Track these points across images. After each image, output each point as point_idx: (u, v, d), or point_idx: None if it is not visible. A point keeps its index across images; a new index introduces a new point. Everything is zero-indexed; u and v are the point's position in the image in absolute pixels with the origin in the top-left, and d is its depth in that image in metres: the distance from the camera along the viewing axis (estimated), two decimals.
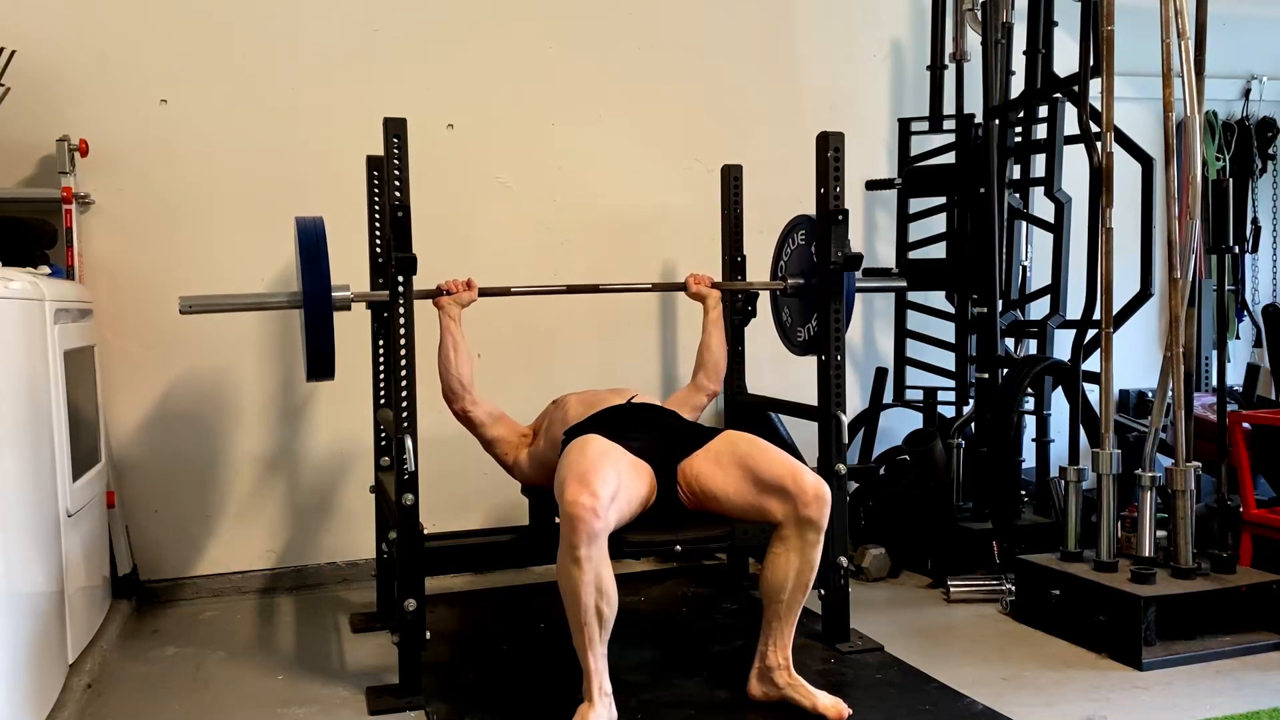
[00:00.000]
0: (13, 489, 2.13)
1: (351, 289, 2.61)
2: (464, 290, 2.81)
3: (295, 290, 2.61)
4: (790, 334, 3.19)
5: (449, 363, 2.74)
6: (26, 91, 3.10)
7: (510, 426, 2.90)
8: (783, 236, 3.21)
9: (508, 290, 2.99)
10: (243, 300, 2.68)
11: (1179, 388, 2.90)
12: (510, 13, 3.68)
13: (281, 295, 2.68)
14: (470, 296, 2.82)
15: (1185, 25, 2.83)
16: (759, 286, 3.27)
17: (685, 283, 3.16)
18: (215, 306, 2.64)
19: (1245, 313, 4.68)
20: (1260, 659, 2.68)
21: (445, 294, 2.78)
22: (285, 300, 2.65)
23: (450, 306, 2.77)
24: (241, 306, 2.69)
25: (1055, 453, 3.58)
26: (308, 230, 2.54)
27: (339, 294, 2.55)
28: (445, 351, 2.74)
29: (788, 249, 3.17)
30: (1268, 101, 4.75)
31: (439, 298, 2.78)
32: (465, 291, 2.81)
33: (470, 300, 2.82)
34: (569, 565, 2.16)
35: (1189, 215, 2.90)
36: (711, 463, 2.45)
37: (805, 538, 2.33)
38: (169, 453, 3.39)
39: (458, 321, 2.77)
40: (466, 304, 2.81)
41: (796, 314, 3.12)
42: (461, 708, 2.45)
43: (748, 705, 2.40)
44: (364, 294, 2.70)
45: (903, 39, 4.17)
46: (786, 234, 3.19)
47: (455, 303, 2.78)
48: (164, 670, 2.79)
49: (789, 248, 3.16)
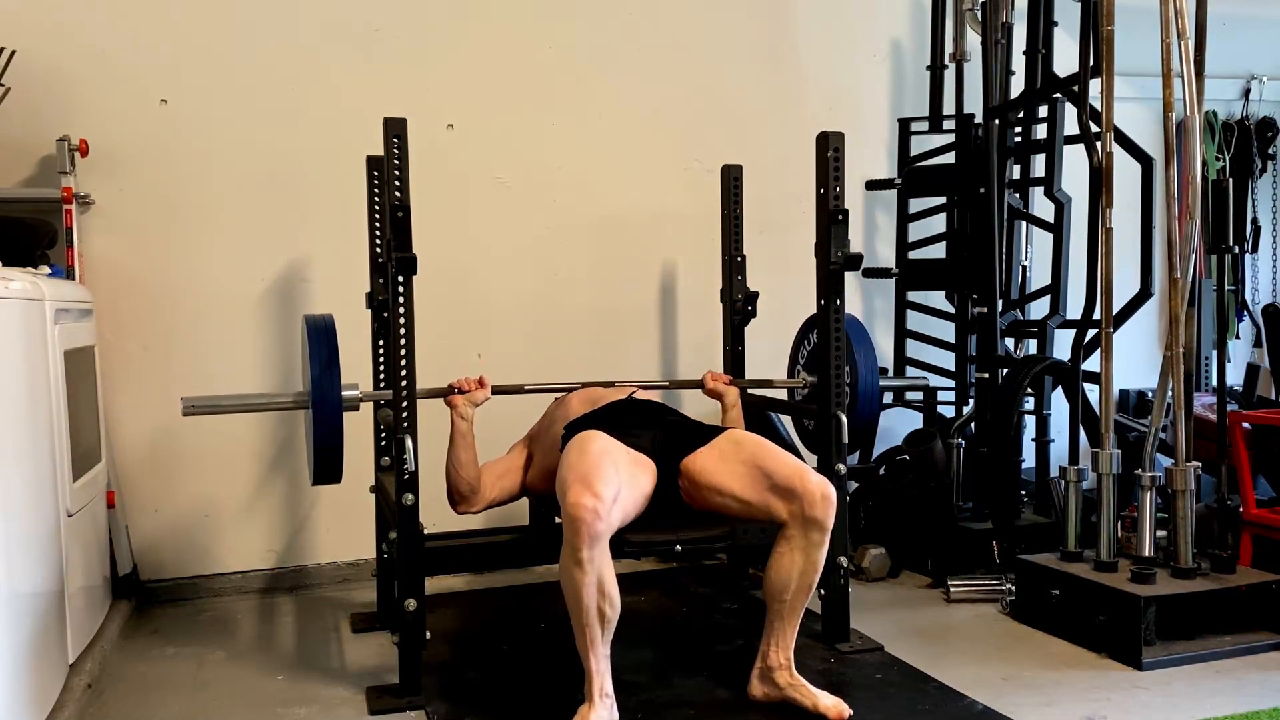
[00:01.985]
0: (13, 489, 2.13)
1: (360, 388, 2.55)
2: (477, 389, 2.69)
3: (301, 390, 2.56)
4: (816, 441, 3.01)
5: (459, 465, 2.64)
6: (27, 91, 3.10)
7: (512, 473, 2.81)
8: (799, 336, 3.17)
9: (520, 388, 2.87)
10: (248, 402, 2.64)
11: (1179, 388, 2.90)
12: (510, 13, 3.68)
13: (287, 397, 2.63)
14: (483, 395, 2.70)
15: (1185, 25, 2.83)
16: (778, 384, 3.17)
17: (702, 380, 3.06)
18: (219, 408, 2.60)
19: (1245, 313, 4.68)
20: (1260, 659, 2.68)
21: (458, 392, 2.68)
22: (291, 402, 2.60)
23: (463, 407, 2.66)
24: (246, 408, 2.65)
25: (1055, 453, 3.58)
26: (318, 331, 2.49)
27: (349, 394, 2.50)
28: (455, 454, 2.63)
29: (804, 349, 3.13)
30: (1268, 101, 4.75)
31: (451, 397, 2.68)
32: (478, 390, 2.69)
33: (484, 399, 2.70)
34: (571, 567, 2.16)
35: (1189, 215, 2.90)
36: (717, 459, 2.45)
37: (810, 538, 2.33)
38: (169, 453, 3.39)
39: (470, 423, 2.65)
40: (480, 403, 2.70)
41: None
42: (462, 708, 2.45)
43: (748, 705, 2.40)
44: (372, 394, 2.61)
45: (903, 39, 4.17)
46: (803, 334, 3.14)
47: (468, 402, 2.67)
48: (164, 670, 2.79)
49: (805, 348, 3.13)
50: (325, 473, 2.53)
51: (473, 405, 2.68)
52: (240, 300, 3.42)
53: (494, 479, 2.76)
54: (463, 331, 3.59)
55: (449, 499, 2.71)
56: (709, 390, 3.05)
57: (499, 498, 2.78)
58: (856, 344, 2.93)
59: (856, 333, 2.97)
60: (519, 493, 2.83)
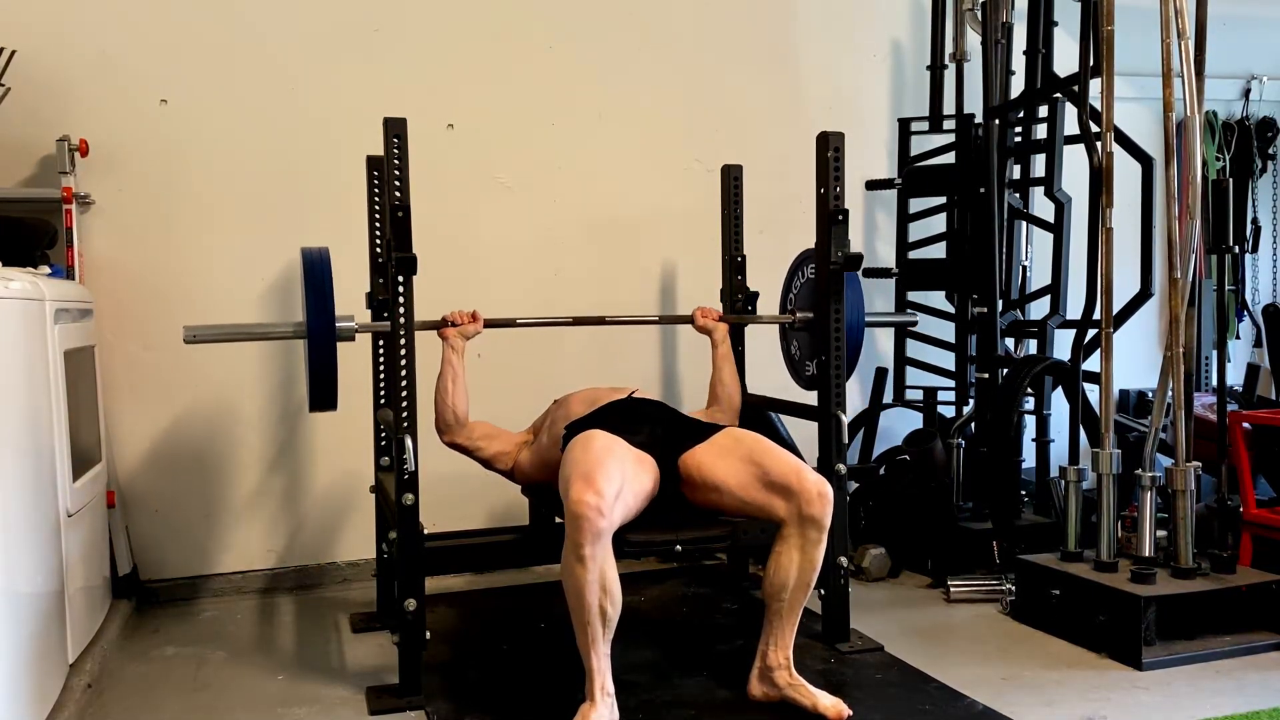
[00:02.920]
0: (13, 489, 2.13)
1: (356, 319, 2.59)
2: (469, 322, 2.78)
3: (300, 321, 2.59)
4: (799, 368, 3.15)
5: (446, 394, 2.74)
6: (26, 91, 3.10)
7: (506, 438, 2.89)
8: (792, 269, 3.18)
9: (513, 322, 2.94)
10: (247, 330, 2.69)
11: (1179, 388, 2.90)
12: (510, 13, 3.68)
13: (286, 326, 2.67)
14: (475, 328, 2.79)
15: (1185, 25, 2.83)
16: (767, 320, 3.21)
17: (692, 316, 3.11)
18: (219, 336, 2.63)
19: (1245, 313, 4.68)
20: (1260, 659, 2.68)
21: (450, 325, 2.76)
22: (290, 331, 2.64)
23: (455, 338, 2.75)
24: (246, 336, 2.72)
25: (1055, 453, 3.59)
26: (313, 262, 2.52)
27: (343, 324, 2.53)
28: (444, 383, 2.73)
29: (797, 281, 3.14)
30: (1268, 101, 4.75)
31: (443, 329, 2.76)
32: (470, 323, 2.78)
33: (475, 332, 2.79)
34: (574, 564, 2.16)
35: (1189, 215, 2.90)
36: (715, 456, 2.45)
37: (808, 536, 2.33)
38: (169, 452, 3.39)
39: (460, 354, 2.75)
40: (471, 336, 2.79)
41: (805, 348, 3.07)
42: (461, 708, 2.45)
43: (748, 705, 2.40)
44: (368, 325, 2.67)
45: (903, 39, 4.17)
46: (796, 267, 3.15)
47: (460, 335, 2.76)
48: (164, 670, 2.79)
49: (799, 280, 3.13)
50: (321, 398, 2.55)
51: (464, 338, 2.77)
52: (240, 300, 3.42)
53: (484, 432, 2.85)
54: None
55: (435, 426, 2.78)
56: (699, 326, 3.09)
57: (484, 450, 2.84)
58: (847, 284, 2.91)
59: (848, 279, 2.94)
60: (506, 466, 2.87)
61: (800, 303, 3.10)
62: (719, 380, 3.04)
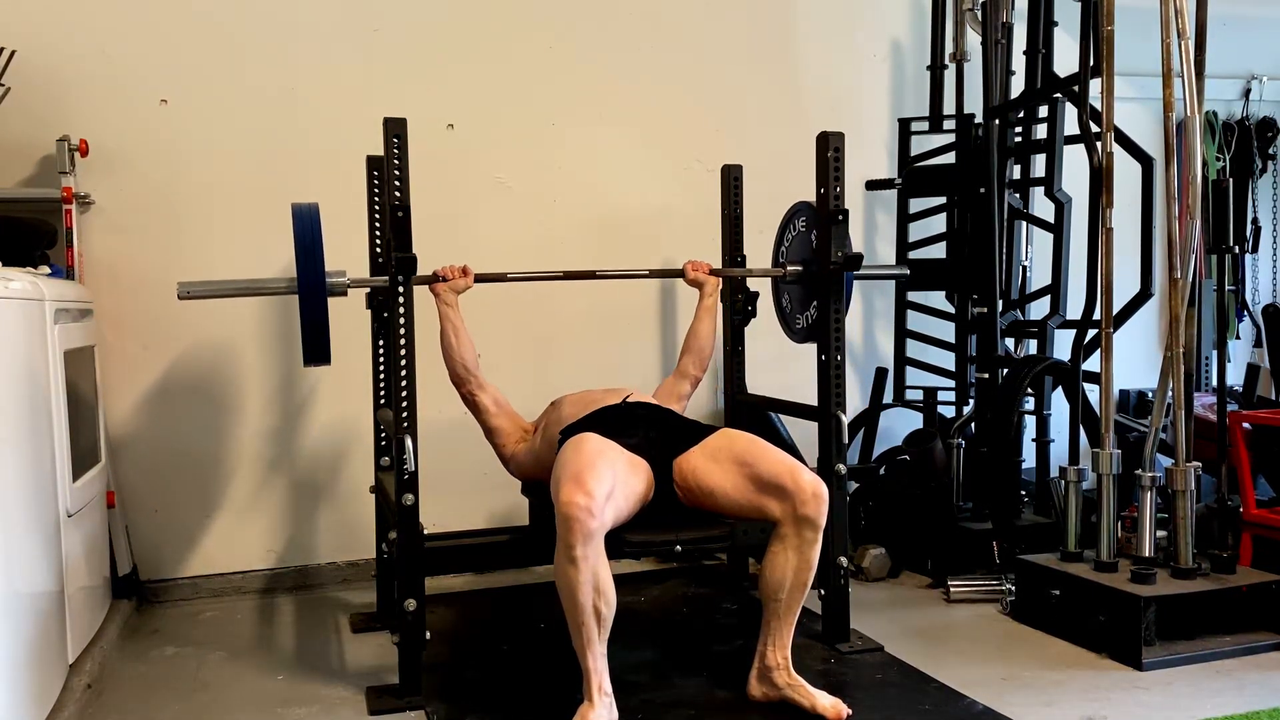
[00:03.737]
0: (13, 489, 2.13)
1: (349, 275, 2.61)
2: (460, 276, 2.80)
3: (293, 276, 2.61)
4: (790, 320, 3.18)
5: (451, 348, 2.76)
6: (26, 91, 3.10)
7: (513, 420, 2.91)
8: (783, 224, 3.20)
9: (504, 276, 2.95)
10: (240, 286, 2.68)
11: (1179, 388, 2.90)
12: (511, 13, 3.68)
13: (280, 280, 2.67)
14: (466, 283, 2.80)
15: (1185, 25, 2.83)
16: (758, 273, 3.23)
17: (683, 269, 3.11)
18: (213, 292, 2.64)
19: (1245, 313, 4.68)
20: (1260, 659, 2.68)
21: (442, 280, 2.78)
22: (283, 286, 2.63)
23: (447, 293, 2.77)
24: (239, 292, 2.71)
25: (1055, 453, 3.58)
26: (303, 216, 2.53)
27: (334, 279, 2.55)
28: (446, 337, 2.76)
29: (788, 236, 3.16)
30: (1268, 101, 4.75)
31: (435, 284, 2.78)
32: (461, 278, 2.80)
33: (466, 286, 2.81)
34: (566, 565, 2.16)
35: (1189, 215, 2.90)
36: (709, 459, 2.45)
37: (803, 536, 2.33)
38: (169, 453, 3.39)
39: (455, 307, 2.77)
40: (463, 290, 2.81)
41: (796, 301, 3.11)
42: (461, 708, 2.45)
43: (747, 705, 2.40)
44: (360, 280, 2.69)
45: (903, 39, 4.17)
46: (787, 221, 3.17)
47: (451, 289, 2.78)
48: (164, 670, 2.79)
49: (789, 235, 3.15)
50: (314, 352, 2.55)
51: (455, 292, 2.78)
52: (240, 300, 3.42)
53: (494, 398, 2.88)
54: None
55: (450, 379, 2.81)
56: (690, 279, 3.10)
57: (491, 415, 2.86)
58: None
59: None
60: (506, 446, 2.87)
61: (791, 255, 3.12)
62: (695, 331, 3.06)
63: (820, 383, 2.86)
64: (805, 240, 3.00)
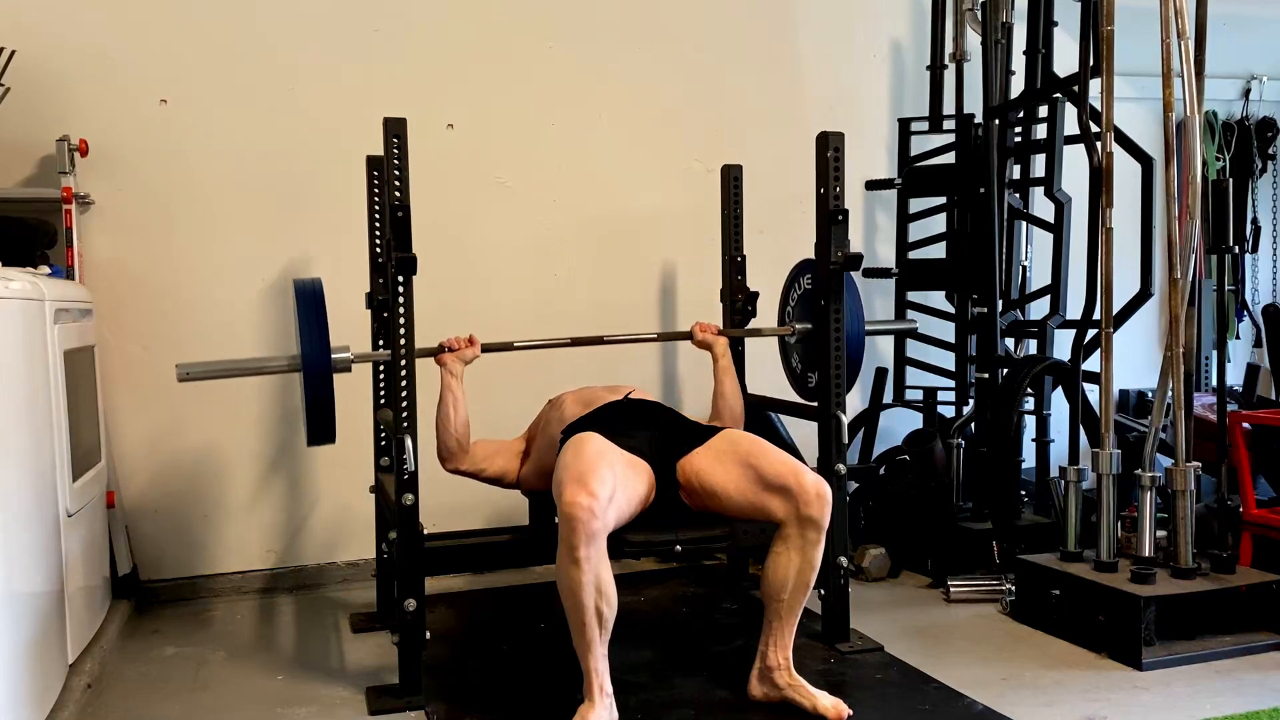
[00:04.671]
0: (13, 489, 2.13)
1: (351, 350, 2.57)
2: (466, 347, 2.72)
3: (295, 354, 2.58)
4: (801, 380, 3.09)
5: (448, 422, 2.68)
6: (26, 91, 3.10)
7: (507, 454, 2.85)
8: (789, 280, 3.16)
9: (510, 345, 2.89)
10: (241, 366, 2.65)
11: (1179, 388, 2.90)
12: (511, 13, 3.68)
13: (281, 359, 2.63)
14: (473, 353, 2.73)
15: (1185, 25, 2.83)
16: (767, 333, 3.17)
17: (691, 331, 3.07)
18: (214, 373, 2.60)
19: (1245, 313, 4.68)
20: (1260, 659, 2.68)
21: (447, 350, 2.71)
22: (285, 364, 2.61)
23: (453, 364, 2.69)
24: (240, 372, 2.66)
25: (1055, 453, 3.58)
26: (306, 294, 2.50)
27: (339, 356, 2.52)
28: (445, 410, 2.68)
29: (794, 293, 3.13)
30: (1268, 101, 4.75)
31: (441, 355, 2.70)
32: (468, 348, 2.72)
33: (473, 357, 2.73)
34: (568, 566, 2.16)
35: (1189, 215, 2.90)
36: (712, 460, 2.45)
37: (806, 537, 2.33)
38: (169, 452, 3.39)
39: (459, 379, 2.69)
40: (470, 360, 2.73)
41: (806, 360, 3.03)
42: (461, 708, 2.45)
43: (748, 705, 2.40)
44: (364, 355, 2.66)
45: (903, 39, 4.17)
46: (793, 278, 3.14)
47: (458, 360, 2.70)
48: (164, 670, 2.79)
49: (795, 292, 3.12)
50: (319, 432, 2.54)
51: (462, 362, 2.72)
52: (240, 300, 3.43)
53: (487, 452, 2.81)
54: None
55: (438, 455, 2.74)
56: (698, 341, 3.05)
57: (487, 470, 2.81)
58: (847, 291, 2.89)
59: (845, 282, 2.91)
60: (512, 480, 2.85)
61: (798, 314, 3.08)
62: (720, 394, 2.97)
63: (820, 383, 2.86)
64: (813, 294, 2.93)
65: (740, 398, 3.01)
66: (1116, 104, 2.98)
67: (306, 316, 2.48)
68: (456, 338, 2.74)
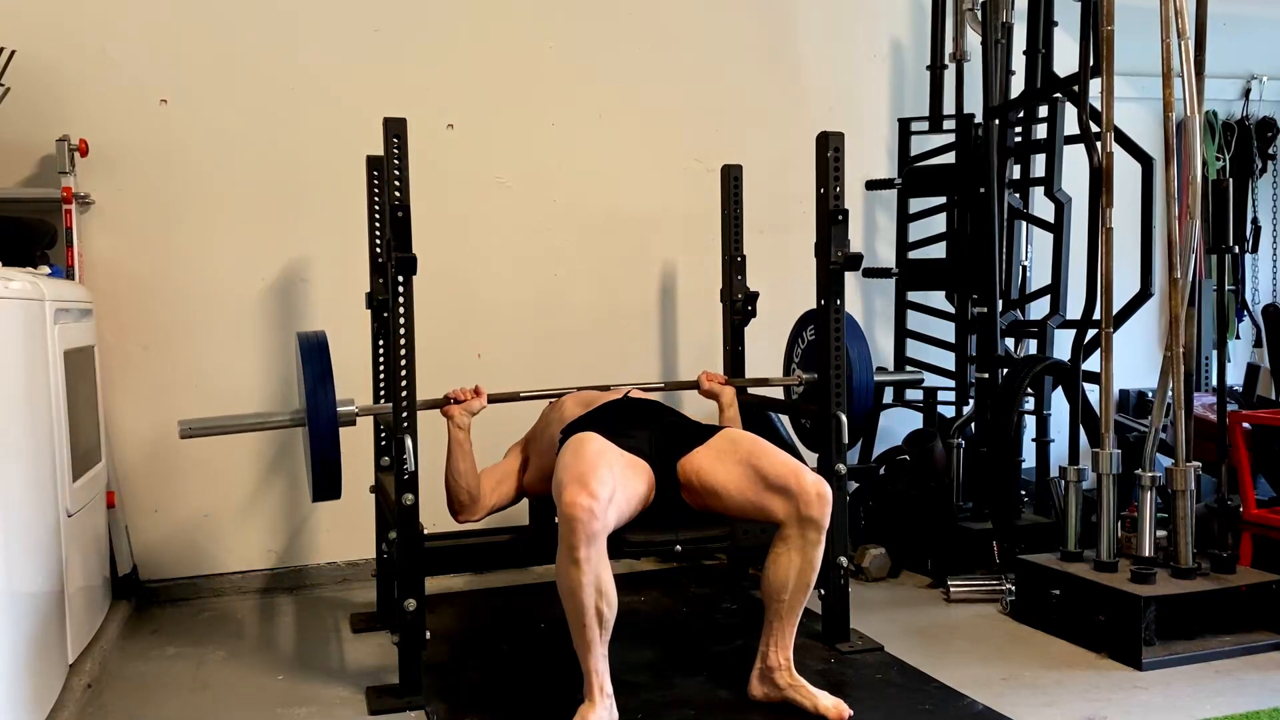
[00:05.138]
0: (13, 489, 2.13)
1: (356, 403, 2.55)
2: (473, 398, 2.65)
3: (298, 408, 2.57)
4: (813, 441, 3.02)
5: (459, 476, 2.61)
6: (26, 91, 3.10)
7: (508, 476, 2.79)
8: (794, 333, 3.16)
9: (516, 395, 2.84)
10: (244, 422, 2.64)
11: (1179, 388, 2.90)
12: (510, 12, 3.68)
13: (284, 415, 2.62)
14: (479, 404, 2.66)
15: (1185, 25, 2.83)
16: (774, 383, 3.15)
17: (697, 381, 3.05)
18: (215, 430, 2.59)
19: (1245, 313, 4.68)
20: (1260, 659, 2.68)
21: (453, 402, 2.65)
22: (288, 420, 2.60)
23: (459, 416, 2.62)
24: (242, 428, 2.64)
25: (1055, 453, 3.58)
26: (311, 349, 2.50)
27: (344, 410, 2.51)
28: (454, 464, 2.60)
29: (798, 348, 3.12)
30: (1268, 101, 4.75)
31: (447, 407, 2.64)
32: (474, 399, 2.65)
33: (480, 408, 2.66)
34: (568, 567, 2.15)
35: (1189, 215, 2.90)
36: (713, 458, 2.45)
37: (807, 537, 2.33)
38: (169, 453, 3.39)
39: (467, 431, 2.60)
40: (476, 412, 2.66)
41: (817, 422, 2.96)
42: (461, 708, 2.45)
43: (748, 706, 2.40)
44: (368, 408, 2.63)
45: (903, 39, 4.17)
46: (797, 331, 3.13)
47: (465, 411, 2.63)
48: (164, 670, 2.79)
49: (799, 346, 3.11)
50: (324, 489, 2.53)
51: (469, 414, 2.63)
52: (240, 300, 3.42)
53: (492, 485, 2.74)
54: (462, 331, 3.59)
55: (449, 509, 2.68)
56: (704, 391, 3.05)
57: (498, 503, 2.76)
58: (850, 340, 2.90)
59: (850, 329, 2.93)
60: (515, 497, 2.83)
61: (804, 365, 3.06)
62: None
63: (820, 383, 2.86)
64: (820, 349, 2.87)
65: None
66: (1116, 104, 2.98)
67: (313, 372, 2.46)
68: (462, 389, 2.66)
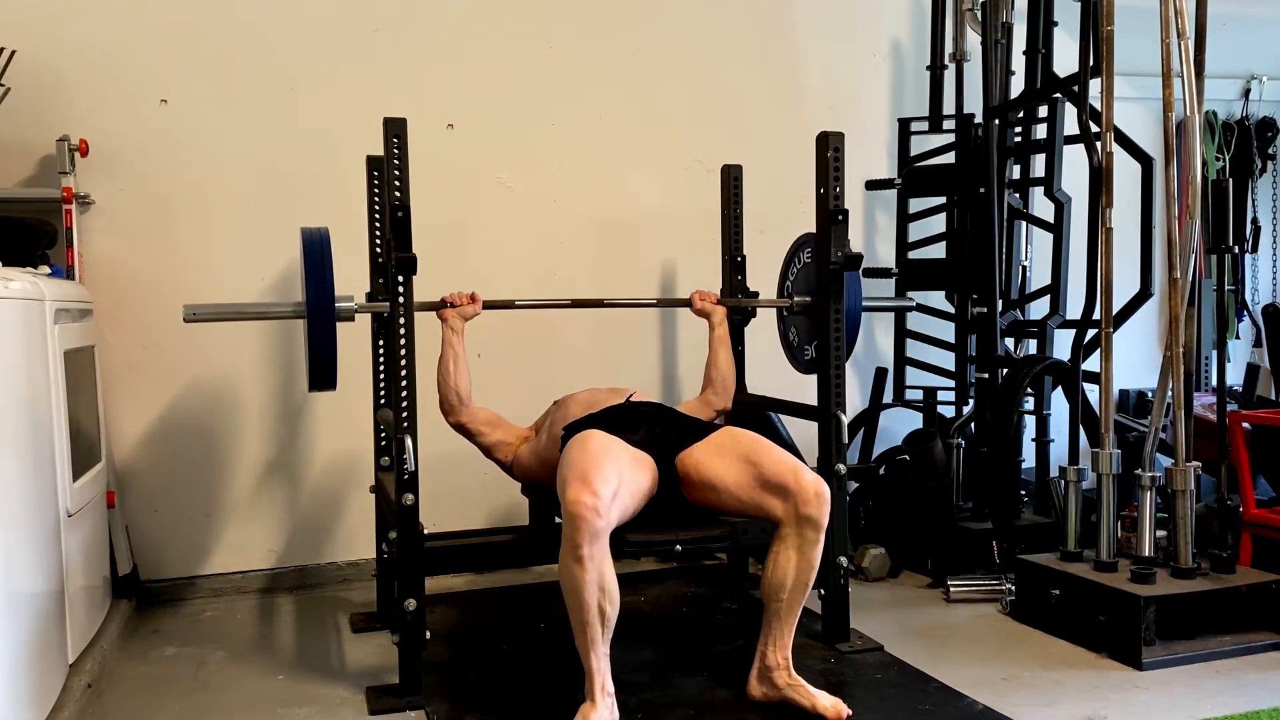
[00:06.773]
0: (13, 489, 2.13)
1: (355, 300, 2.62)
2: (468, 303, 2.81)
3: (299, 300, 2.61)
4: (797, 353, 3.17)
5: (448, 375, 2.76)
6: (27, 91, 3.10)
7: (509, 429, 2.90)
8: (790, 254, 3.19)
9: (511, 303, 2.98)
10: (247, 309, 2.69)
11: (1179, 388, 2.90)
12: (510, 12, 3.68)
13: (286, 305, 2.69)
14: (474, 309, 2.82)
15: (1185, 25, 2.83)
16: (765, 304, 3.24)
17: (690, 299, 3.14)
18: (219, 315, 2.66)
19: (1245, 313, 4.68)
20: (1260, 659, 2.68)
21: (449, 306, 2.79)
22: (290, 310, 2.66)
23: (454, 319, 2.78)
24: (245, 316, 2.72)
25: (1055, 453, 3.59)
26: (312, 241, 2.54)
27: (342, 304, 2.56)
28: (445, 364, 2.76)
29: (794, 267, 3.15)
30: (1268, 101, 4.75)
31: (442, 309, 2.78)
32: (469, 304, 2.81)
33: (474, 313, 2.82)
34: (571, 564, 2.16)
35: (1189, 215, 2.90)
36: (712, 453, 2.45)
37: (805, 536, 2.33)
38: (169, 452, 3.39)
39: (460, 334, 2.77)
40: (470, 317, 2.81)
41: (804, 333, 3.09)
42: (461, 708, 2.45)
43: (748, 705, 2.40)
44: (367, 305, 2.70)
45: (903, 39, 4.17)
46: (794, 251, 3.16)
47: (459, 315, 2.79)
48: (164, 670, 2.79)
49: (795, 265, 3.14)
50: (320, 378, 2.56)
51: (463, 319, 2.78)
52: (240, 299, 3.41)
53: (486, 419, 2.87)
54: None
55: (440, 408, 2.80)
56: (696, 309, 3.13)
57: (486, 436, 2.86)
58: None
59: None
60: (507, 456, 2.87)
61: (798, 287, 3.11)
62: (714, 363, 3.07)
63: (820, 383, 2.86)
64: (812, 271, 2.98)
65: (733, 368, 3.10)
66: (1116, 104, 2.98)
67: (313, 263, 2.51)
68: (459, 294, 2.81)
